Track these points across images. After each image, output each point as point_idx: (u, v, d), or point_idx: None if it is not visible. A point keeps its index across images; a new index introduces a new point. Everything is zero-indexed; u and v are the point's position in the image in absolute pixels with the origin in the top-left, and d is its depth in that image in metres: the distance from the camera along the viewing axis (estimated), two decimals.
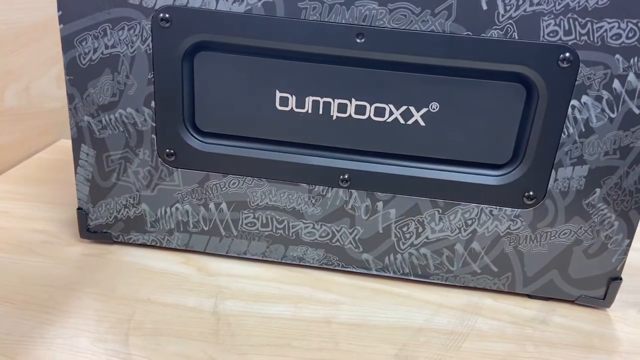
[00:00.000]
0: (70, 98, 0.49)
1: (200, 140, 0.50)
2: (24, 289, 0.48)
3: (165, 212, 0.53)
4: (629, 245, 0.48)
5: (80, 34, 0.47)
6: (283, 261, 0.54)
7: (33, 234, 0.56)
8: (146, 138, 0.50)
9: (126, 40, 0.46)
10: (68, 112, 0.49)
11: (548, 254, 0.50)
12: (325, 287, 0.52)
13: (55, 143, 0.79)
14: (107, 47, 0.47)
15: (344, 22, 0.44)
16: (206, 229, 0.53)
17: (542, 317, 0.50)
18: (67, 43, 0.47)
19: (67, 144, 0.79)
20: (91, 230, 0.54)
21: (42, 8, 0.73)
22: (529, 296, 0.52)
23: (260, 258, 0.54)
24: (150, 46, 0.46)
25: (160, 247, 0.55)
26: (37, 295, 0.47)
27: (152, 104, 0.48)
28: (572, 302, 0.52)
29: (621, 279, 0.50)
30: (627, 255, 0.49)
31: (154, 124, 0.49)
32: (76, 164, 0.51)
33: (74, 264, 0.52)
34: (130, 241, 0.54)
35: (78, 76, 0.48)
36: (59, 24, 0.46)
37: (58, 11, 0.46)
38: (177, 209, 0.52)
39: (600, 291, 0.50)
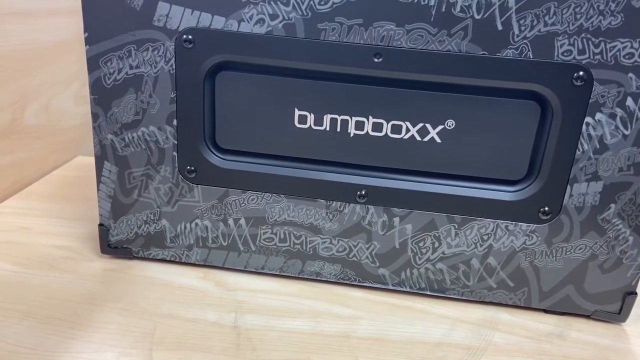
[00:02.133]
0: (95, 117, 0.50)
1: (221, 158, 0.51)
2: (47, 304, 0.49)
3: (185, 228, 0.54)
4: None
5: (105, 55, 0.48)
6: (300, 276, 0.55)
7: (54, 250, 0.57)
8: (167, 155, 0.51)
9: (150, 61, 0.48)
10: (92, 130, 0.51)
11: (564, 269, 0.50)
12: (343, 302, 0.52)
13: (72, 160, 0.81)
14: (131, 67, 0.48)
15: (362, 42, 0.45)
16: (225, 244, 0.54)
17: (559, 331, 0.50)
18: (93, 64, 0.48)
19: (84, 160, 0.81)
20: (112, 245, 0.55)
21: (60, 28, 0.75)
22: (545, 311, 0.52)
23: (277, 273, 0.55)
24: (174, 66, 0.48)
25: (180, 262, 0.56)
26: (60, 310, 0.48)
27: (174, 122, 0.50)
28: (588, 316, 0.52)
29: (636, 293, 0.50)
30: None
31: (176, 142, 0.50)
32: (99, 181, 0.52)
33: (95, 279, 0.53)
34: (150, 256, 0.55)
35: (102, 95, 0.49)
36: (85, 45, 0.48)
37: (85, 33, 0.47)
38: (196, 224, 0.53)
39: (616, 306, 0.51)
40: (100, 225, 0.54)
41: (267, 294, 0.53)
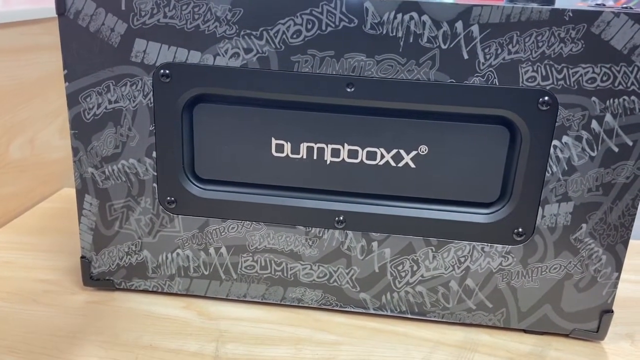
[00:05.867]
0: (75, 151, 0.51)
1: (200, 187, 0.52)
2: (29, 339, 0.49)
3: (167, 258, 0.54)
4: (617, 278, 0.50)
5: (84, 91, 0.49)
6: (282, 303, 0.55)
7: (36, 284, 0.57)
8: (148, 187, 0.52)
9: (128, 95, 0.49)
10: (73, 164, 0.51)
11: (540, 288, 0.51)
12: (325, 328, 0.53)
13: (58, 192, 0.81)
14: (110, 102, 0.49)
15: (334, 73, 0.47)
16: (206, 273, 0.54)
17: (539, 351, 0.51)
18: (72, 100, 0.49)
19: (69, 192, 0.81)
20: (94, 278, 0.55)
21: (45, 63, 0.76)
22: (525, 331, 0.53)
23: (259, 300, 0.55)
24: (152, 100, 0.49)
25: (162, 293, 0.56)
26: (42, 345, 0.48)
27: (154, 154, 0.50)
28: (566, 335, 0.52)
29: (613, 311, 0.51)
30: (617, 288, 0.50)
31: (155, 173, 0.51)
32: (80, 214, 0.53)
33: (77, 312, 0.53)
34: (132, 287, 0.56)
35: (82, 130, 0.50)
36: (65, 82, 0.49)
37: (64, 70, 0.49)
38: (178, 254, 0.54)
39: (593, 324, 0.51)
40: (82, 257, 0.55)
41: (249, 322, 0.53)
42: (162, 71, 0.48)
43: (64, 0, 0.47)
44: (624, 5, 0.47)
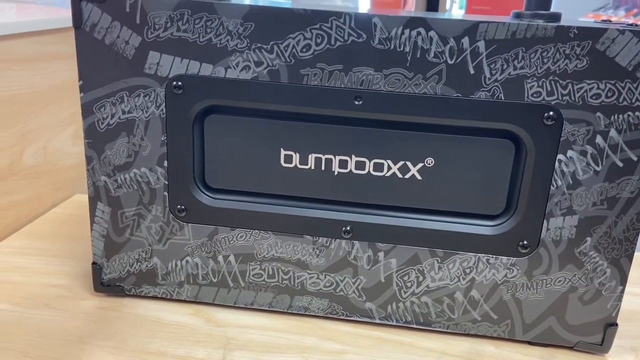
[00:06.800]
0: (89, 160, 0.52)
1: (210, 197, 0.53)
2: (42, 343, 0.50)
3: (176, 265, 0.55)
4: (622, 291, 0.50)
5: (99, 101, 0.50)
6: (289, 311, 0.56)
7: (49, 289, 0.58)
8: (159, 195, 0.53)
9: (142, 106, 0.50)
10: (86, 172, 0.53)
11: (545, 301, 0.51)
12: (330, 337, 0.53)
13: (70, 198, 0.82)
14: (123, 112, 0.50)
15: (342, 86, 0.48)
16: (215, 280, 0.55)
17: None
18: (87, 110, 0.51)
19: (81, 198, 0.83)
20: (105, 284, 0.56)
21: (58, 72, 0.78)
22: (530, 343, 0.53)
23: (267, 308, 0.56)
24: (164, 111, 0.50)
25: (171, 299, 0.57)
26: (54, 349, 0.49)
27: (165, 163, 0.52)
28: (571, 348, 0.53)
29: (617, 324, 0.51)
30: (621, 301, 0.50)
31: (166, 182, 0.52)
32: (92, 221, 0.54)
33: (88, 317, 0.54)
34: (142, 294, 0.57)
35: (96, 139, 0.51)
36: (80, 93, 0.50)
37: (79, 81, 0.50)
38: (187, 262, 0.55)
39: (598, 337, 0.52)
40: (94, 264, 0.56)
41: (256, 330, 0.54)
42: (174, 83, 0.49)
43: (81, 14, 0.48)
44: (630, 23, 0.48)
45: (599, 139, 0.46)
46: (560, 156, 0.47)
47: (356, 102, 0.48)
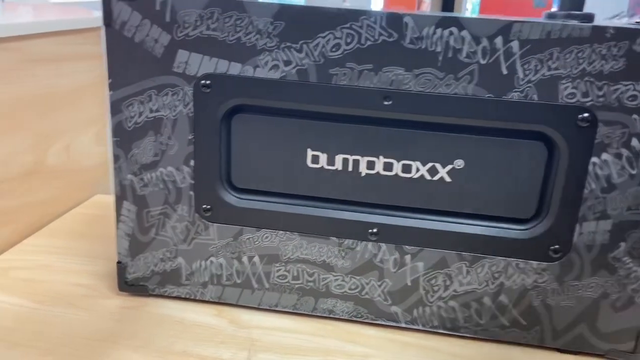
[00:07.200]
0: (116, 158, 0.52)
1: (236, 197, 0.53)
2: (66, 342, 0.50)
3: (200, 266, 0.55)
4: None
5: (127, 99, 0.50)
6: (313, 314, 0.55)
7: (73, 287, 0.58)
8: (185, 195, 0.52)
9: (169, 105, 0.50)
10: (113, 171, 0.53)
11: (576, 307, 0.50)
12: (355, 340, 0.53)
13: (91, 198, 0.83)
14: (151, 111, 0.50)
15: (372, 86, 0.47)
16: (239, 281, 0.55)
17: None
18: (115, 108, 0.51)
19: (102, 199, 0.83)
20: (129, 283, 0.56)
21: (83, 72, 0.78)
22: (559, 350, 0.52)
23: (291, 310, 0.55)
24: (192, 110, 0.50)
25: (194, 300, 0.56)
26: (79, 348, 0.49)
27: (192, 162, 0.51)
28: (602, 356, 0.52)
29: None
30: None
31: (193, 182, 0.52)
32: (118, 220, 0.54)
33: (112, 316, 0.54)
34: (166, 294, 0.56)
35: (124, 138, 0.51)
36: (109, 91, 0.50)
37: (108, 79, 0.50)
38: (211, 262, 0.54)
39: (630, 345, 0.50)
40: (119, 263, 0.56)
41: (280, 332, 0.53)
42: (202, 82, 0.49)
43: (111, 12, 0.48)
44: None
45: (634, 142, 0.45)
46: (594, 159, 0.46)
47: (385, 102, 0.48)
